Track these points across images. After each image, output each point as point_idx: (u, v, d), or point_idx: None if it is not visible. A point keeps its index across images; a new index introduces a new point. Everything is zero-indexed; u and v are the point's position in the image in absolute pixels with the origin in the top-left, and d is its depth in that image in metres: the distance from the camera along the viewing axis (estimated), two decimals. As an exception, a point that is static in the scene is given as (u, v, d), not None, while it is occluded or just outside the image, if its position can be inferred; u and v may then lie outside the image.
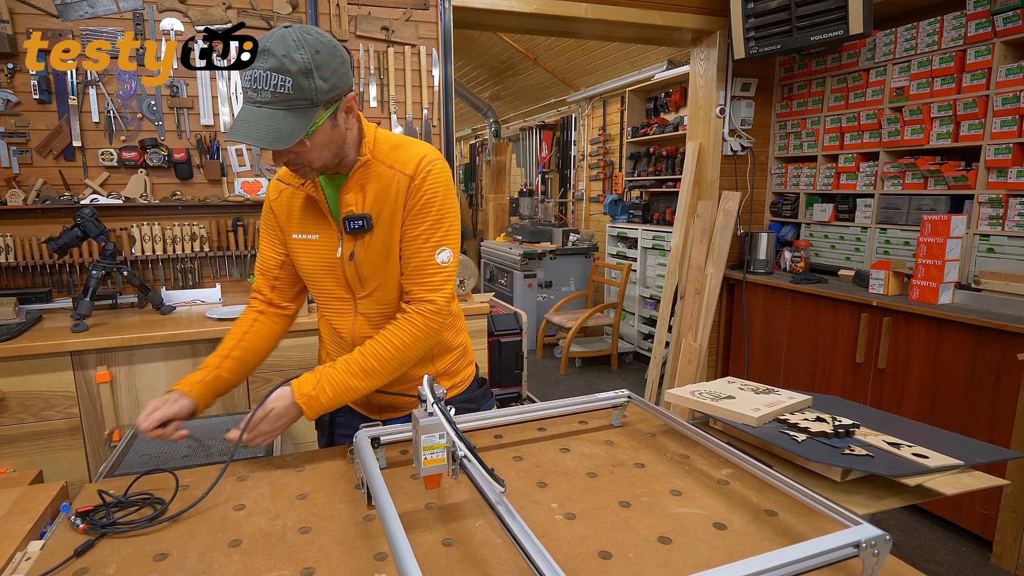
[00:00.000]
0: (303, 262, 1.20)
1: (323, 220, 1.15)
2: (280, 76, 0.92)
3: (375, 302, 1.17)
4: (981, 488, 0.90)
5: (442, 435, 0.83)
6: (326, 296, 1.22)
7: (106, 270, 2.21)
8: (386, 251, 1.12)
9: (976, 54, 2.56)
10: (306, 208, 1.16)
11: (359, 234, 1.11)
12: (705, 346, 3.31)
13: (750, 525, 0.86)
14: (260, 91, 0.93)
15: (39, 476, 1.21)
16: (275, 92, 0.93)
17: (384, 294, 1.17)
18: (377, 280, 1.15)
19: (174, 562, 0.78)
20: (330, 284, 1.19)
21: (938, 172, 2.72)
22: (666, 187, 4.74)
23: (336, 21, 2.69)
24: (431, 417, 0.83)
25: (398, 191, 1.10)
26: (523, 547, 0.67)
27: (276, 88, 0.93)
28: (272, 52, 0.92)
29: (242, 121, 0.95)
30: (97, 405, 2.04)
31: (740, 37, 3.17)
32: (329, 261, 1.16)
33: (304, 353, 2.25)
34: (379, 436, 0.99)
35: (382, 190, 1.10)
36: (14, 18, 2.31)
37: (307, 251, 1.18)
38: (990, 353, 2.24)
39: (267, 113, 0.94)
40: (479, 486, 0.80)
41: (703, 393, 1.22)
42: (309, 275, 1.21)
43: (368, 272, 1.14)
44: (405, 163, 1.10)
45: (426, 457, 0.83)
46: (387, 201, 1.10)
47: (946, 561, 2.26)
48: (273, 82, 0.93)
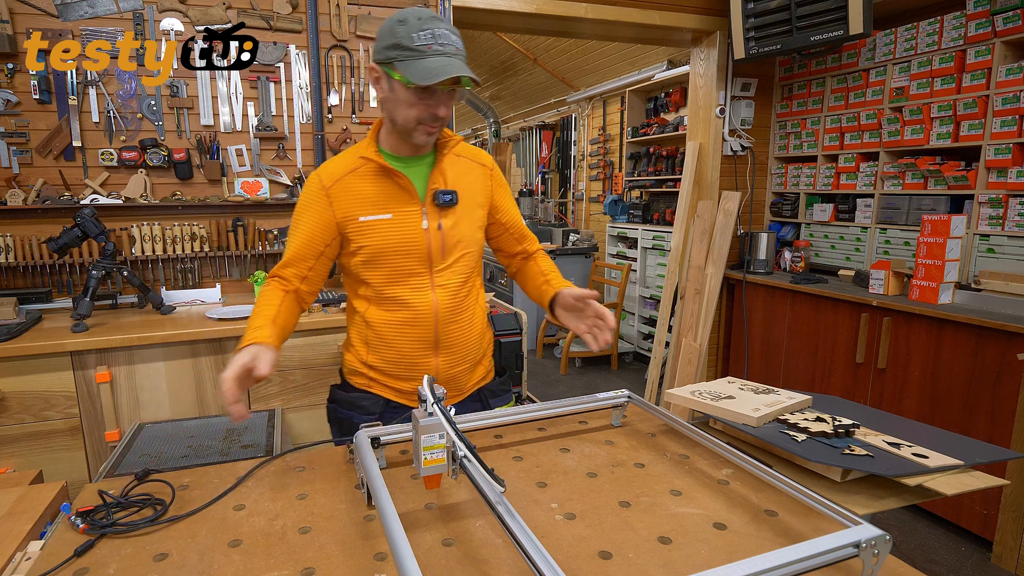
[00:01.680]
0: (375, 241, 1.22)
1: (400, 198, 1.22)
2: (457, 35, 1.11)
3: (454, 273, 1.27)
4: (981, 488, 0.90)
5: (442, 435, 0.83)
6: (400, 274, 1.24)
7: (106, 270, 2.21)
8: (468, 224, 1.28)
9: (976, 54, 2.56)
10: (377, 189, 1.22)
11: (446, 208, 1.24)
12: (705, 346, 3.31)
13: (750, 525, 0.86)
14: (446, 45, 1.08)
15: (39, 476, 1.22)
16: (457, 48, 1.09)
17: (464, 264, 1.29)
18: (460, 250, 1.27)
19: (174, 562, 0.78)
20: (404, 261, 1.23)
21: (938, 172, 2.72)
22: (666, 187, 4.74)
23: (336, 21, 2.69)
24: (431, 417, 0.83)
25: (478, 177, 1.31)
26: (523, 547, 0.67)
27: (458, 46, 1.10)
28: (439, 18, 1.10)
29: (443, 64, 1.06)
30: (97, 405, 2.04)
31: (740, 37, 3.17)
32: (408, 236, 1.22)
33: (304, 353, 2.25)
34: (379, 436, 0.99)
35: (461, 174, 1.28)
36: (14, 18, 2.31)
37: (381, 229, 1.22)
38: (990, 353, 2.24)
39: (458, 62, 1.09)
40: (479, 486, 0.79)
41: (703, 393, 1.22)
42: (384, 252, 1.23)
43: (453, 241, 1.25)
44: (476, 156, 1.33)
45: (426, 457, 0.83)
46: (467, 183, 1.28)
47: (946, 561, 2.26)
48: (455, 39, 1.10)
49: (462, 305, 1.29)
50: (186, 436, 1.46)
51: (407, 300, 1.24)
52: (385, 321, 1.26)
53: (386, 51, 1.10)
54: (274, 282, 1.25)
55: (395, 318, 1.25)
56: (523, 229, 1.41)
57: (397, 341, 1.26)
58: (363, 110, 2.80)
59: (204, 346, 2.14)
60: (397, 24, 1.08)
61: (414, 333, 1.26)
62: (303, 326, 2.23)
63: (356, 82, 2.77)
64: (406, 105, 1.13)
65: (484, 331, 1.38)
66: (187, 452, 1.36)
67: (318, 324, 2.24)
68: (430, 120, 1.15)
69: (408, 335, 1.26)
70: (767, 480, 0.89)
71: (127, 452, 1.35)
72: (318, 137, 2.73)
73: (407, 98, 1.12)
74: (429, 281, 1.25)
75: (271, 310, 1.17)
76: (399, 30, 1.08)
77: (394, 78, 1.11)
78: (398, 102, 1.14)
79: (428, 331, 1.26)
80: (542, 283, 1.36)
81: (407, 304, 1.24)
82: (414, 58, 1.07)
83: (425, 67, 1.06)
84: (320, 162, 2.75)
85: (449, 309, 1.26)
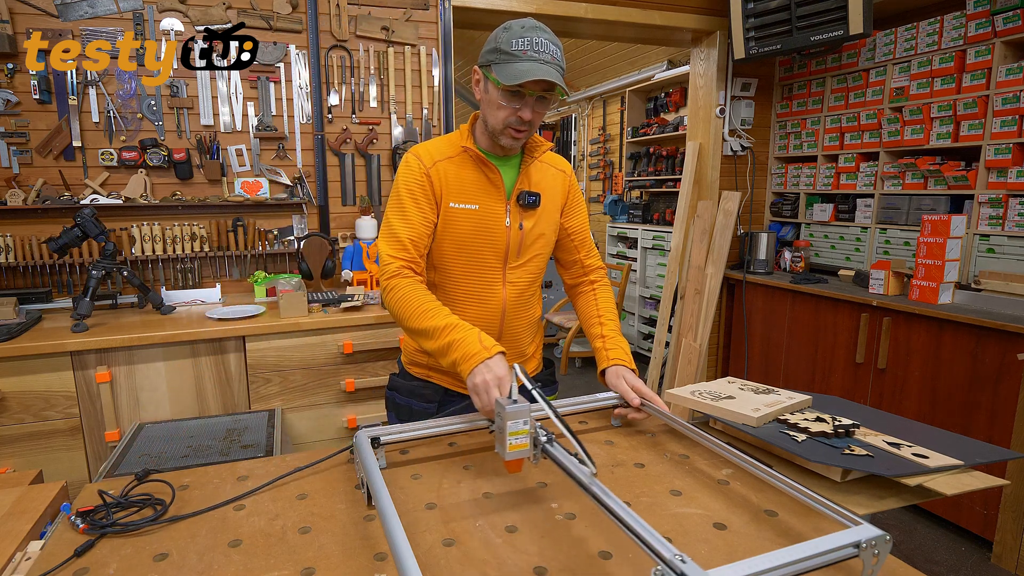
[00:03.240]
0: (461, 228, 1.25)
1: (489, 191, 1.26)
2: (558, 47, 1.15)
3: (525, 271, 1.32)
4: (981, 488, 0.90)
5: (526, 421, 0.88)
6: (475, 265, 1.27)
7: (106, 270, 2.21)
8: (546, 226, 1.33)
9: (976, 54, 2.56)
10: (469, 179, 1.25)
11: (529, 209, 1.28)
12: (705, 346, 3.31)
13: (750, 525, 0.86)
14: (541, 52, 1.11)
15: (39, 476, 1.21)
16: (553, 56, 1.13)
17: (535, 265, 1.34)
18: (534, 251, 1.32)
19: (174, 562, 0.78)
20: (485, 253, 1.27)
21: (938, 172, 2.72)
22: (666, 187, 4.74)
23: (336, 21, 2.69)
24: (515, 404, 0.88)
25: (558, 183, 1.35)
26: (626, 524, 0.71)
27: (555, 55, 1.13)
28: (543, 28, 1.14)
29: (532, 67, 1.10)
30: (97, 405, 2.04)
31: (740, 37, 3.17)
32: (491, 229, 1.26)
33: (304, 353, 2.25)
34: (379, 436, 0.99)
35: (543, 178, 1.33)
36: (14, 18, 2.31)
37: (466, 219, 1.25)
38: (990, 353, 2.24)
39: (554, 70, 1.12)
40: (567, 468, 0.84)
41: (703, 393, 1.22)
42: (465, 242, 1.26)
43: (530, 242, 1.30)
44: (557, 162, 1.38)
45: (511, 442, 0.88)
46: (548, 187, 1.32)
47: (946, 561, 2.26)
48: (553, 48, 1.13)
49: (528, 303, 1.36)
50: (186, 436, 1.46)
51: (479, 292, 1.28)
52: (451, 308, 1.27)
53: (487, 55, 1.16)
54: (411, 278, 1.20)
55: (463, 310, 1.28)
56: (585, 238, 1.42)
57: None
58: (363, 110, 2.80)
59: (204, 346, 2.14)
60: (501, 31, 1.15)
61: (480, 325, 1.25)
62: (303, 326, 2.23)
63: (356, 82, 2.77)
64: (496, 107, 1.18)
65: (539, 327, 1.46)
66: (187, 452, 1.36)
67: (318, 324, 2.24)
68: (516, 124, 1.18)
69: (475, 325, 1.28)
70: (767, 480, 0.89)
71: (127, 452, 1.36)
72: (318, 137, 2.73)
73: (497, 100, 1.17)
74: (502, 277, 1.29)
75: (437, 304, 1.15)
76: (501, 36, 1.14)
77: (489, 79, 1.17)
78: (490, 103, 1.19)
79: (494, 324, 1.31)
80: (596, 336, 1.34)
81: (478, 296, 1.28)
82: (508, 62, 1.12)
83: (515, 69, 1.11)
84: (320, 162, 2.75)
85: (516, 305, 1.32)
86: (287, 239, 2.77)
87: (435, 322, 1.10)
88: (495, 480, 1.00)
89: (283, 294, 2.27)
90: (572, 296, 1.47)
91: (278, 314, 2.28)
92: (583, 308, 1.41)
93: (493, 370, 1.01)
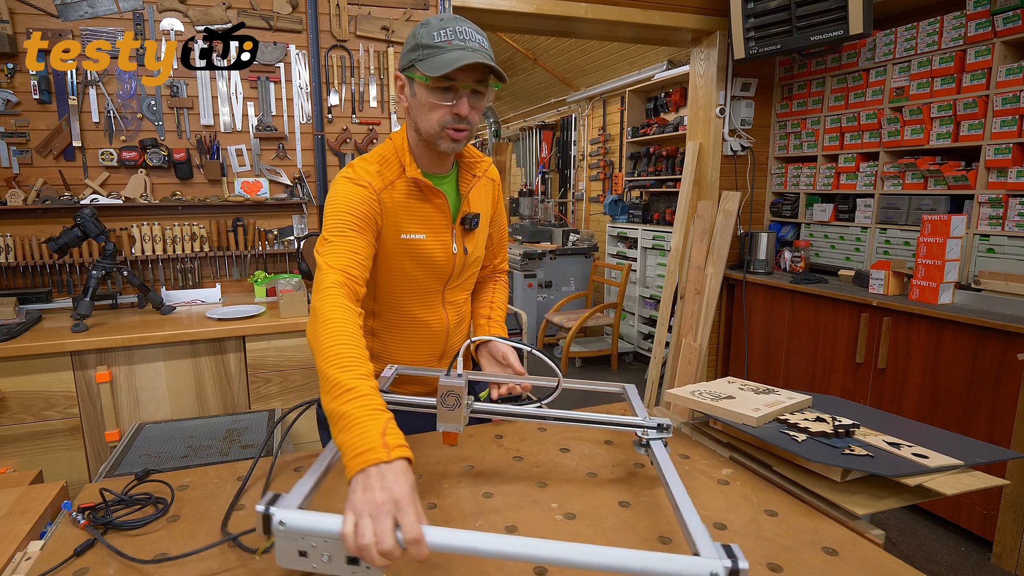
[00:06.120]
0: (407, 262, 1.17)
1: (435, 219, 1.18)
2: (483, 36, 1.07)
3: (462, 289, 1.31)
4: (981, 488, 0.90)
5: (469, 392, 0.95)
6: (415, 292, 1.22)
7: (106, 270, 2.21)
8: (483, 242, 1.31)
9: (976, 54, 2.56)
10: (417, 208, 1.16)
11: (471, 231, 1.24)
12: (705, 346, 3.31)
13: (750, 525, 0.86)
14: (467, 40, 1.03)
15: (39, 476, 1.22)
16: (480, 45, 1.05)
17: (470, 281, 1.33)
18: (472, 269, 1.30)
19: (174, 562, 0.78)
20: (427, 280, 1.22)
21: (938, 172, 2.72)
22: (666, 187, 4.74)
23: (336, 21, 2.69)
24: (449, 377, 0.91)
25: (489, 194, 1.31)
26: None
27: (483, 44, 1.05)
28: (463, 19, 1.06)
29: (461, 55, 1.01)
30: (97, 405, 2.04)
31: (740, 37, 3.17)
32: (438, 258, 1.20)
33: (304, 353, 2.25)
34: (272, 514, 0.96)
35: (480, 195, 1.28)
36: (14, 18, 2.31)
37: (415, 250, 1.17)
38: (990, 353, 2.24)
39: (484, 56, 1.04)
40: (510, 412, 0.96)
41: (703, 393, 1.22)
42: (411, 272, 1.19)
43: (471, 262, 1.28)
44: (487, 170, 1.30)
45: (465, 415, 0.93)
46: (484, 204, 1.29)
47: (946, 561, 2.26)
48: (479, 37, 1.06)
49: (465, 316, 1.35)
50: (186, 436, 1.46)
51: (420, 316, 1.24)
52: (394, 335, 1.26)
53: (408, 55, 1.07)
54: (336, 295, 0.95)
55: (406, 333, 1.26)
56: (503, 243, 1.43)
57: (402, 353, 1.26)
58: (363, 110, 2.80)
59: (204, 346, 2.14)
60: (419, 27, 1.07)
61: (425, 348, 1.28)
62: (303, 326, 2.23)
63: (356, 82, 2.77)
64: (428, 108, 1.07)
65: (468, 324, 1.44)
66: (187, 452, 1.36)
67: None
68: (453, 123, 1.08)
69: (418, 349, 1.27)
70: (767, 480, 0.89)
71: (127, 452, 1.35)
72: (318, 137, 2.73)
73: (428, 100, 1.06)
74: (441, 299, 1.26)
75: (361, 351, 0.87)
76: (420, 31, 1.06)
77: (415, 80, 1.07)
78: (421, 106, 1.08)
79: (438, 345, 1.29)
80: (484, 316, 1.36)
81: (420, 319, 1.24)
82: (433, 54, 1.03)
83: (442, 59, 1.02)
84: (320, 162, 2.75)
85: (456, 323, 1.31)
86: (287, 239, 2.77)
87: (342, 376, 0.80)
88: (495, 480, 1.00)
89: (283, 294, 2.27)
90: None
91: (278, 314, 2.28)
92: (480, 293, 1.42)
93: (391, 489, 0.68)
